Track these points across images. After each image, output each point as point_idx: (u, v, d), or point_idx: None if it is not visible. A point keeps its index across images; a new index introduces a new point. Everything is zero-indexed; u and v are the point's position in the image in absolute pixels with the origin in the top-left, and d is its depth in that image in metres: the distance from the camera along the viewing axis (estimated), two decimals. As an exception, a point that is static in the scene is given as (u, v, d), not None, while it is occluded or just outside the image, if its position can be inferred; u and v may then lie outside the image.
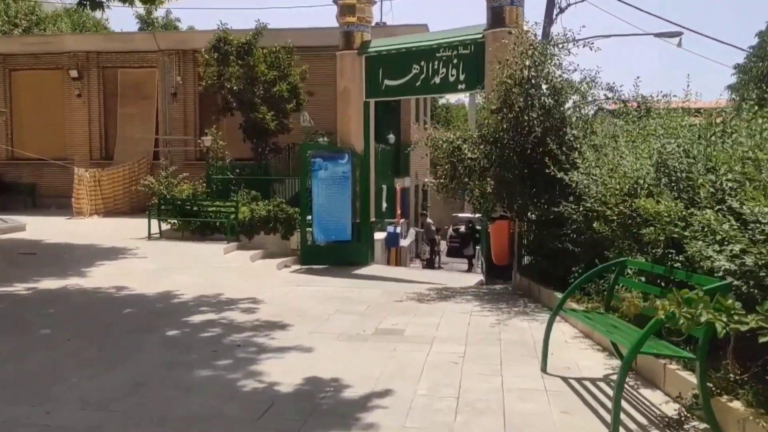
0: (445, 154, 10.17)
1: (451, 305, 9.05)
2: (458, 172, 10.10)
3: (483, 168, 9.94)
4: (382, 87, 15.48)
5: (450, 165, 10.27)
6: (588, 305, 6.99)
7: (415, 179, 24.47)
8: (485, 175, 9.91)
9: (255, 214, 15.88)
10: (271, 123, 18.81)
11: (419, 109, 25.57)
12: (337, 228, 15.47)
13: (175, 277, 10.96)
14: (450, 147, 10.06)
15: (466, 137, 10.23)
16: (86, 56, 23.15)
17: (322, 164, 15.26)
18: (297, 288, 10.23)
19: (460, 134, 10.32)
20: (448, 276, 15.14)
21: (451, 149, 10.05)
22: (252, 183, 18.17)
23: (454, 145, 10.03)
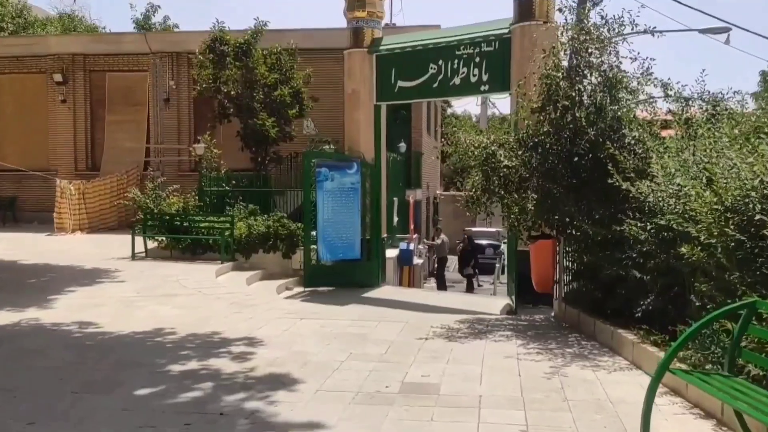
0: (478, 161, 8.60)
1: (489, 345, 7.44)
2: (492, 183, 8.53)
3: (522, 178, 8.36)
4: (395, 89, 13.96)
5: (482, 174, 8.69)
6: (693, 359, 5.37)
7: (427, 191, 22.91)
8: (524, 186, 8.34)
9: (253, 231, 14.32)
10: (271, 130, 17.28)
11: (430, 117, 24.05)
12: (344, 245, 13.91)
13: (155, 308, 9.38)
14: (483, 153, 8.50)
15: (502, 142, 8.66)
16: (72, 59, 21.66)
17: (328, 174, 13.70)
18: (300, 322, 8.63)
19: (495, 138, 8.75)
20: (468, 300, 13.55)
21: (485, 156, 8.49)
22: (250, 196, 16.61)
23: (488, 151, 8.46)
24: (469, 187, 9.07)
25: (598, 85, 8.13)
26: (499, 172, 8.43)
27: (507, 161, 8.35)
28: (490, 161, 8.49)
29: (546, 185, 8.08)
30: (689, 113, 8.54)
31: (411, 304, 12.25)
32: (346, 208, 13.90)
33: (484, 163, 8.53)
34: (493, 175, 8.44)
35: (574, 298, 8.56)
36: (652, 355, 6.12)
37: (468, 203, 9.17)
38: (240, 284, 12.29)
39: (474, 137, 8.86)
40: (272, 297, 11.58)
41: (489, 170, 8.51)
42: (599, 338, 7.48)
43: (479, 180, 8.86)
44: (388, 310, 11.36)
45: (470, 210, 9.25)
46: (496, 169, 8.44)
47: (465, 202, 9.22)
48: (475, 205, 9.02)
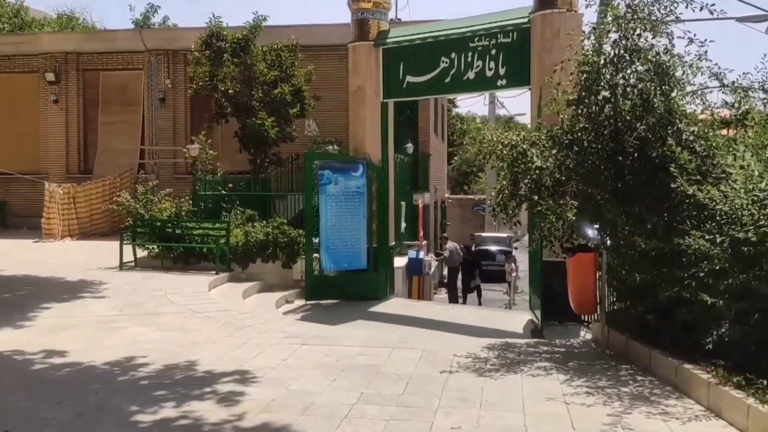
0: (507, 162, 7.29)
1: (527, 382, 6.12)
2: (522, 186, 7.22)
3: (557, 181, 7.05)
4: (403, 85, 12.67)
5: (511, 177, 7.38)
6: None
7: (434, 194, 21.61)
8: (561, 190, 7.02)
9: (250, 238, 13.02)
10: (271, 130, 15.96)
11: (438, 117, 22.75)
12: (349, 254, 12.62)
13: (135, 331, 8.07)
14: (513, 153, 7.18)
15: (534, 140, 7.34)
16: (64, 57, 20.34)
17: (331, 177, 12.41)
18: (300, 349, 7.30)
19: (525, 135, 7.43)
20: (485, 315, 12.25)
21: (514, 155, 7.18)
22: (248, 200, 15.29)
23: (519, 149, 7.15)
24: (496, 192, 7.75)
25: (646, 72, 6.80)
26: (530, 174, 7.11)
27: (539, 162, 7.04)
28: (520, 162, 7.17)
29: (587, 189, 6.77)
30: (748, 105, 7.25)
31: (425, 321, 10.97)
32: (351, 213, 12.62)
33: (513, 165, 7.22)
34: (524, 178, 7.13)
35: (619, 321, 7.24)
36: (740, 402, 4.82)
37: (495, 210, 7.85)
38: (235, 299, 10.97)
39: (501, 134, 7.53)
40: (270, 314, 10.27)
41: (519, 172, 7.19)
42: (657, 372, 6.17)
43: (506, 184, 7.55)
44: (401, 329, 10.09)
45: (497, 217, 7.94)
46: (527, 170, 7.12)
47: (492, 209, 7.91)
48: (503, 211, 7.71)
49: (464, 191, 34.98)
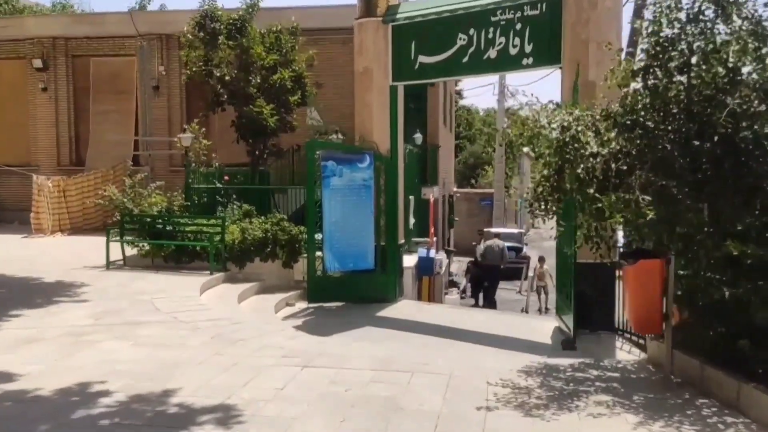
0: (553, 148, 5.87)
1: (588, 426, 4.72)
2: (572, 177, 5.80)
3: (618, 172, 5.63)
4: (415, 66, 11.25)
5: (557, 166, 5.97)
6: None
7: (443, 188, 20.19)
8: (625, 183, 5.59)
9: (248, 235, 11.63)
10: (270, 119, 14.53)
11: (447, 106, 21.29)
12: (355, 253, 11.24)
13: (109, 347, 6.69)
14: (563, 137, 5.75)
15: (588, 121, 5.89)
16: (52, 43, 18.86)
17: (335, 169, 11.02)
18: (301, 373, 5.91)
19: (579, 113, 6.00)
20: (506, 321, 10.84)
21: (565, 140, 5.76)
22: (246, 194, 13.92)
23: (571, 132, 5.73)
24: (535, 183, 6.32)
25: (740, 31, 5.35)
26: (583, 162, 5.69)
27: (596, 147, 5.62)
28: (569, 148, 5.76)
29: (658, 181, 5.36)
30: None
31: (442, 329, 9.57)
32: (357, 208, 11.24)
33: (561, 151, 5.80)
34: (575, 167, 5.70)
35: (686, 342, 5.84)
36: None
37: (532, 206, 6.44)
38: (230, 303, 9.59)
39: (550, 113, 6.09)
40: (268, 322, 8.85)
41: (569, 160, 5.77)
42: (751, 412, 4.77)
43: (548, 174, 6.14)
44: (416, 339, 8.71)
45: (535, 214, 6.54)
46: (580, 158, 5.70)
47: (529, 204, 6.50)
48: (543, 206, 6.30)
49: (471, 185, 33.52)
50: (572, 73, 9.31)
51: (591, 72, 9.26)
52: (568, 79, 9.49)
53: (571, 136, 5.69)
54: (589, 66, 9.31)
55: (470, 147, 37.17)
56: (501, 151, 26.27)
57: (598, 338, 9.09)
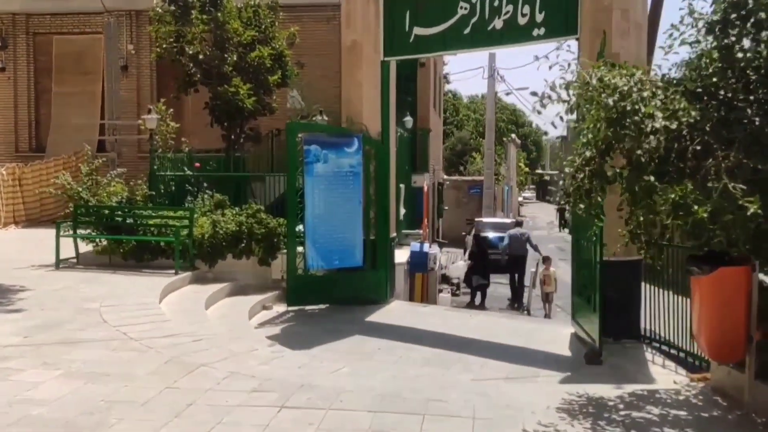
0: (605, 119, 4.37)
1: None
2: (636, 158, 4.32)
3: (695, 153, 4.18)
4: (410, 39, 9.73)
5: (602, 145, 4.50)
6: None
7: (432, 175, 18.70)
8: (703, 166, 4.14)
9: (219, 229, 10.10)
10: (247, 100, 13.00)
11: (436, 90, 19.79)
12: (341, 249, 9.77)
13: (30, 378, 5.14)
14: (620, 106, 4.27)
15: (648, 89, 4.40)
16: (12, 19, 17.07)
17: (319, 154, 9.51)
18: (277, 419, 4.44)
19: (642, 75, 4.50)
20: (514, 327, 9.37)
21: (621, 110, 4.28)
22: (220, 182, 12.33)
23: (632, 99, 4.25)
24: (574, 168, 4.84)
25: None
26: (644, 140, 4.23)
27: (662, 121, 4.17)
28: (628, 121, 4.29)
29: (750, 164, 3.93)
30: None
31: (445, 339, 8.13)
32: (344, 198, 9.76)
33: (617, 124, 4.32)
34: (635, 147, 4.24)
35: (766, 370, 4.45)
36: None
37: (569, 195, 4.97)
38: (195, 310, 8.07)
39: (607, 73, 4.59)
40: (239, 335, 7.32)
41: (623, 137, 4.31)
42: None
43: (593, 154, 4.68)
44: (417, 353, 7.27)
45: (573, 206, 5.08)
46: (639, 135, 4.24)
47: (565, 194, 5.03)
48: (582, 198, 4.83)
49: (460, 172, 32.09)
50: (592, 45, 7.87)
51: (615, 43, 7.86)
52: (587, 52, 8.05)
53: (632, 104, 4.22)
54: (612, 36, 7.90)
55: (458, 133, 35.64)
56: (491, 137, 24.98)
57: (623, 349, 7.73)
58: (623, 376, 6.80)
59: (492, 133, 26.21)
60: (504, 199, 37.17)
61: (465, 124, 37.74)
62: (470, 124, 38.89)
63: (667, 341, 7.64)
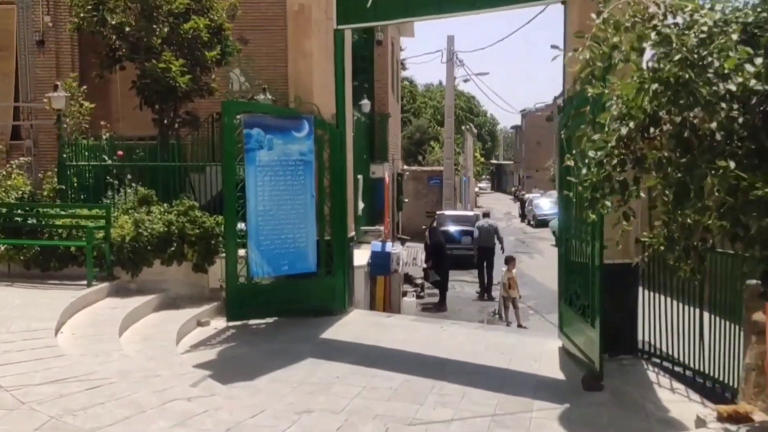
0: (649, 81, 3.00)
1: None
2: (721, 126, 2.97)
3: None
4: (367, 2, 8.29)
5: (649, 112, 3.15)
6: None
7: (391, 165, 17.27)
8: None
9: (143, 230, 8.50)
10: (180, 78, 11.28)
11: (393, 74, 18.35)
12: (291, 252, 8.31)
13: None
14: (690, 57, 2.93)
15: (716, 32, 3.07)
16: None
17: (262, 139, 8.02)
18: None
19: (724, 14, 3.16)
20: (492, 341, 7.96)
21: (690, 63, 2.93)
22: (150, 174, 10.63)
23: (718, 44, 2.90)
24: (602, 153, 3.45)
25: None
26: (720, 107, 2.90)
27: (755, 80, 2.84)
28: (704, 76, 2.94)
29: None
30: None
31: (416, 360, 6.76)
32: (293, 192, 8.31)
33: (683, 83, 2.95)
34: (714, 113, 2.89)
35: None
36: None
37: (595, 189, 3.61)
38: (104, 336, 6.45)
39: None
40: (156, 372, 5.65)
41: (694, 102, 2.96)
42: None
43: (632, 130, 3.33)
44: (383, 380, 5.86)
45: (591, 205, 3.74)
46: (715, 100, 2.90)
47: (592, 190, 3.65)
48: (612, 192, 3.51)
49: (419, 162, 30.69)
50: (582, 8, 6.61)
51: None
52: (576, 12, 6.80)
53: (717, 52, 2.86)
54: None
55: (416, 121, 34.23)
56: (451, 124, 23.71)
57: (622, 368, 6.63)
58: (630, 406, 5.68)
59: (452, 121, 24.96)
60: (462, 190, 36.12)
61: (423, 111, 36.44)
62: (428, 112, 37.61)
63: (671, 357, 6.51)
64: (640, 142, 3.42)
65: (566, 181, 6.70)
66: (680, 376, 6.30)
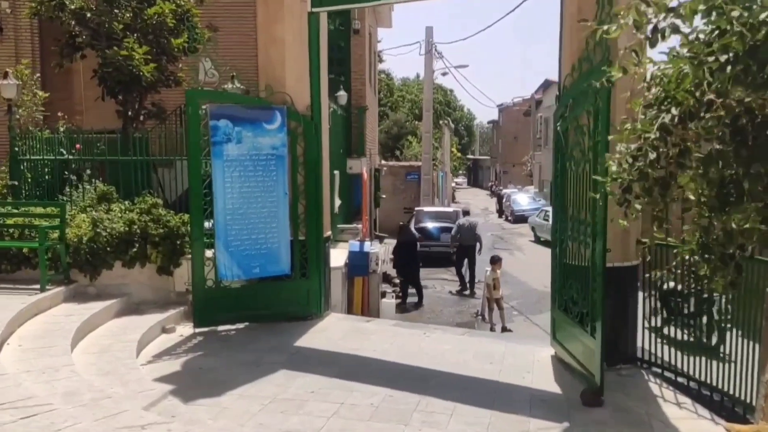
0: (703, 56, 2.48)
1: None
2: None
3: None
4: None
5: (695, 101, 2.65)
6: None
7: (369, 160, 16.66)
8: None
9: (102, 229, 7.84)
10: (144, 67, 10.60)
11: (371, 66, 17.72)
12: (262, 254, 7.71)
13: None
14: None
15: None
16: None
17: (231, 131, 7.41)
18: None
19: None
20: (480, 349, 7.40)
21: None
22: (113, 170, 9.94)
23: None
24: (649, 143, 2.91)
25: None
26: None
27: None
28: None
29: None
30: None
31: (398, 371, 6.20)
32: (265, 189, 7.71)
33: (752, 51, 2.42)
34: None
35: None
36: None
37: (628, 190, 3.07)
38: (53, 349, 5.81)
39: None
40: (108, 394, 5.03)
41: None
42: None
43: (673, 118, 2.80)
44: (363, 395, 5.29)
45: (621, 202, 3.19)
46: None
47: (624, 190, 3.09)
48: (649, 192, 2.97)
49: (396, 157, 30.02)
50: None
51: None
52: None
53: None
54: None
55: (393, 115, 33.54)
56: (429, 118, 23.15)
57: (621, 379, 6.16)
58: (636, 424, 5.21)
59: (430, 115, 24.39)
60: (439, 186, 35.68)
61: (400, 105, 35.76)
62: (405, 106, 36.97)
63: (674, 367, 6.06)
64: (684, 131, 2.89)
65: (561, 178, 6.20)
66: (684, 388, 5.85)
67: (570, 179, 5.91)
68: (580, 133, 5.52)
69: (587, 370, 5.79)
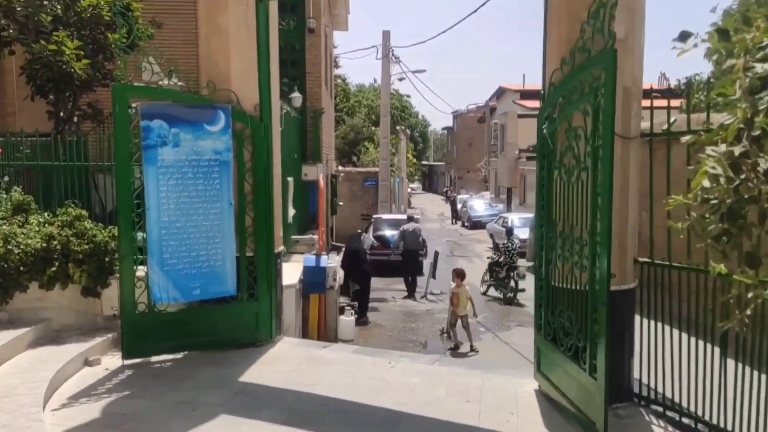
0: None
1: None
2: None
3: None
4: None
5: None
6: None
7: (325, 167, 15.49)
8: None
9: (15, 246, 6.55)
10: (76, 63, 9.31)
11: (327, 68, 16.59)
12: (204, 273, 6.55)
13: None
14: None
15: None
16: None
17: (166, 133, 6.25)
18: None
19: None
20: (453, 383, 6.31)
21: None
22: (43, 176, 8.60)
23: None
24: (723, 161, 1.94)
25: None
26: None
27: None
28: None
29: None
30: None
31: (360, 416, 5.09)
32: (207, 199, 6.55)
33: None
34: None
35: None
36: None
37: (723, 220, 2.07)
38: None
39: None
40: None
41: None
42: None
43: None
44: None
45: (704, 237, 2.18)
46: None
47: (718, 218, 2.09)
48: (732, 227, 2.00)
49: (353, 163, 28.84)
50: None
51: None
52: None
53: None
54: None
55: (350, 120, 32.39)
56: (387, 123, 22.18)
57: (620, 422, 5.24)
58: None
59: (387, 120, 23.40)
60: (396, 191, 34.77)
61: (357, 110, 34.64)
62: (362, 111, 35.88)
63: (680, 407, 5.12)
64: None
65: (548, 188, 5.23)
66: (688, 429, 4.93)
67: (559, 189, 4.94)
68: (574, 136, 4.56)
69: (585, 414, 4.81)
